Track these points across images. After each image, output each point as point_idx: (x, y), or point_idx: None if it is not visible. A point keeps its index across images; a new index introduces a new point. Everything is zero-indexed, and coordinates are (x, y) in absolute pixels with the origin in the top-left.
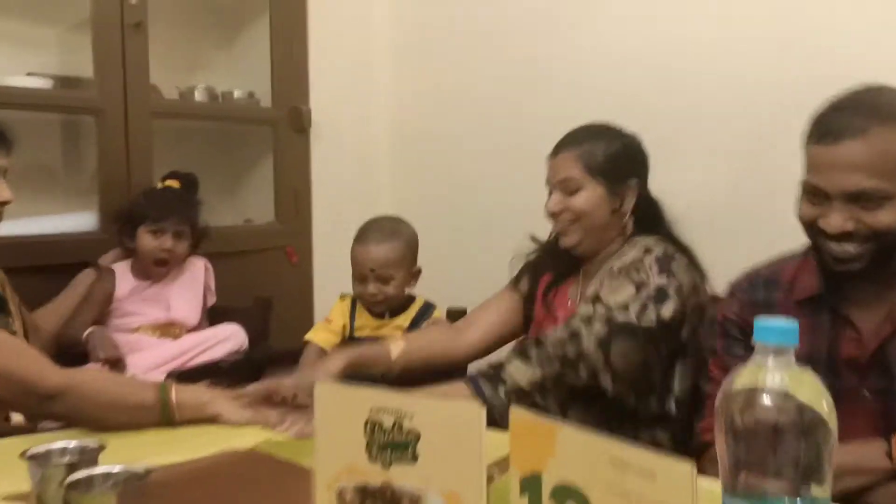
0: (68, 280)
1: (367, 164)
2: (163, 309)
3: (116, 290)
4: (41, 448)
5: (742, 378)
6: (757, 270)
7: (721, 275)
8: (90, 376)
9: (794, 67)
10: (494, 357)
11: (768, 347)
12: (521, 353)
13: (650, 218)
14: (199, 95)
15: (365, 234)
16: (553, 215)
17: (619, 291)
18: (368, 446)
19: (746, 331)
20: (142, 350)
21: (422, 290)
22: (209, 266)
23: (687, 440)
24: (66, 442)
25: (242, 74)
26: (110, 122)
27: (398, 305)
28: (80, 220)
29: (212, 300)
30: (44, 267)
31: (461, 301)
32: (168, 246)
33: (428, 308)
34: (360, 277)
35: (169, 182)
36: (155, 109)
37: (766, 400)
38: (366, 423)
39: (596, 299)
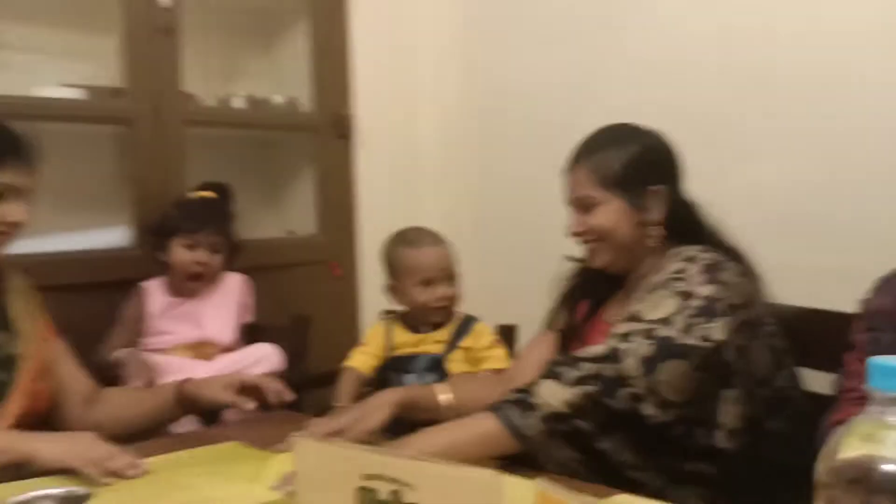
0: (101, 298)
1: (414, 171)
2: (195, 327)
3: (150, 307)
4: (24, 496)
5: (851, 442)
6: None
7: (797, 278)
8: None
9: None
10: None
11: (887, 397)
12: (552, 373)
13: (687, 226)
14: (237, 102)
15: (416, 239)
16: (576, 235)
17: (660, 305)
18: None
19: None
20: (172, 374)
21: (467, 305)
22: (250, 281)
23: (737, 474)
24: (49, 489)
25: (282, 79)
26: (142, 132)
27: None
28: (113, 236)
29: (248, 318)
30: (75, 285)
31: (510, 317)
32: (203, 259)
33: (468, 321)
34: (425, 282)
35: (202, 192)
36: (188, 117)
37: (887, 473)
38: (357, 492)
39: (634, 316)
